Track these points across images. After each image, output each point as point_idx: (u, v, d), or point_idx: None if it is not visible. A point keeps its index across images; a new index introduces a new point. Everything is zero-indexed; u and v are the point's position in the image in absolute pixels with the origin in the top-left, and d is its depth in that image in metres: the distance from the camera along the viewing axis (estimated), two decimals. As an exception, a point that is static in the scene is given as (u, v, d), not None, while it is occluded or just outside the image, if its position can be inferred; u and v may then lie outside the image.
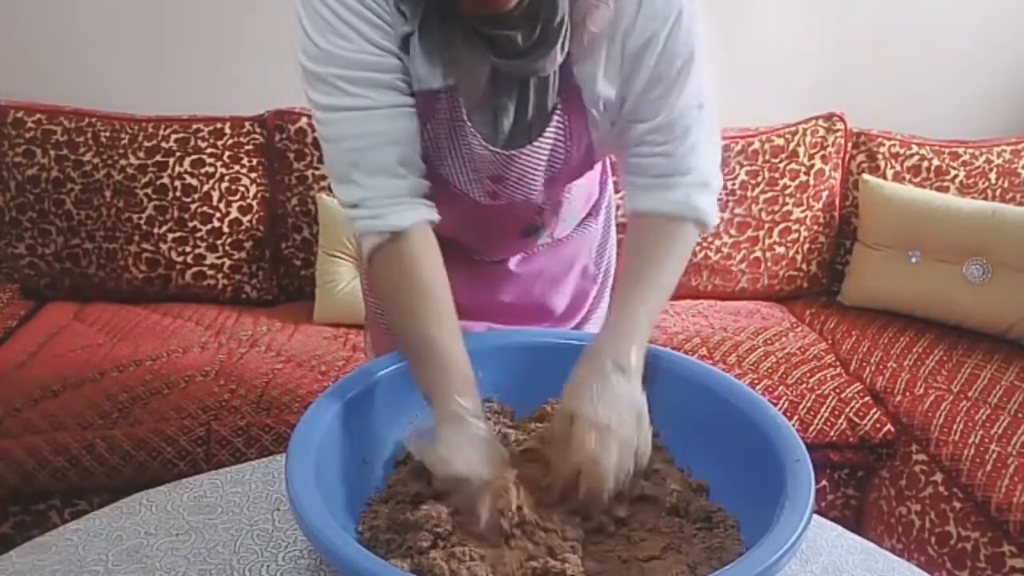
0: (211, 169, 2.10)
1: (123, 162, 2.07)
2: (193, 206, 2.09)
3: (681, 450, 0.87)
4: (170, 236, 2.09)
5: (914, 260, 2.10)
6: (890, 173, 2.25)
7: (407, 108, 0.86)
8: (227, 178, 2.11)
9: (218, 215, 2.10)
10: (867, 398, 1.81)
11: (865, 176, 2.24)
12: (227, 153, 2.12)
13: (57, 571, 0.81)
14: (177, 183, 2.08)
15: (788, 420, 0.81)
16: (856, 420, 1.76)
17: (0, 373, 1.75)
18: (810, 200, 2.24)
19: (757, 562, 0.63)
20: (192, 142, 2.11)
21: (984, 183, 2.24)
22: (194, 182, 2.09)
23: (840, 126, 2.27)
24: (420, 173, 0.89)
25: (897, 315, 2.12)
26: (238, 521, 0.89)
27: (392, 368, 0.88)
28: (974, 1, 2.36)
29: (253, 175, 2.14)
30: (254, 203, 2.13)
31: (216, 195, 2.10)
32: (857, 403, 1.78)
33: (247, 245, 2.14)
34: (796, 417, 1.75)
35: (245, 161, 2.13)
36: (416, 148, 0.88)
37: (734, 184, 2.22)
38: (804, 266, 2.28)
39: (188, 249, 2.10)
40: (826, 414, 1.76)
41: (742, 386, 0.88)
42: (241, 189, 2.12)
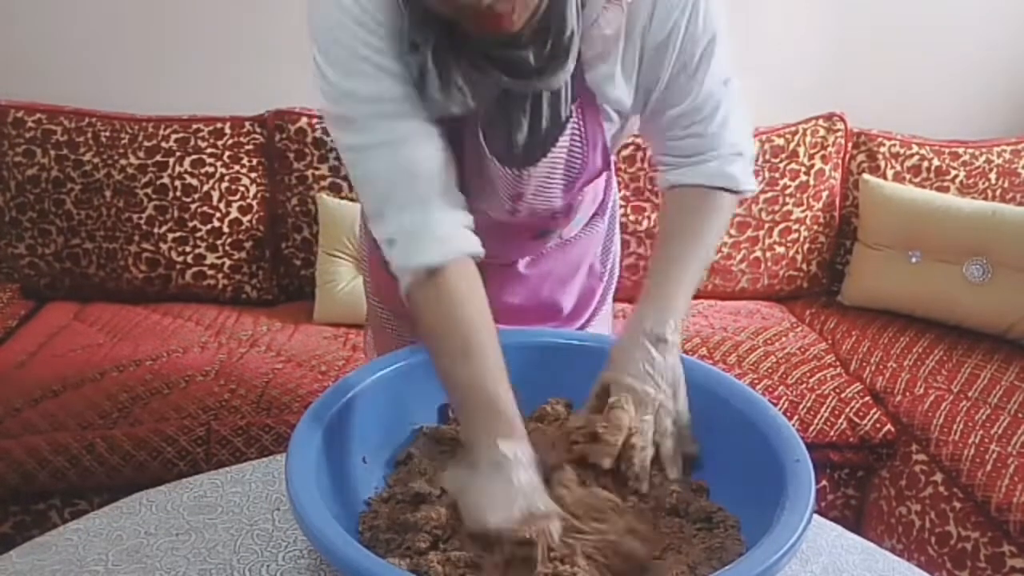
0: (211, 169, 2.10)
1: (123, 162, 2.07)
2: (193, 206, 2.09)
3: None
4: (170, 236, 2.09)
5: (914, 260, 2.10)
6: (890, 173, 2.25)
7: (433, 135, 0.84)
8: (227, 178, 2.11)
9: (218, 215, 2.10)
10: (867, 398, 1.81)
11: (865, 176, 2.24)
12: (227, 153, 2.12)
13: (57, 571, 0.81)
14: (177, 183, 2.08)
15: (788, 420, 0.81)
16: (856, 420, 1.76)
17: (0, 373, 1.75)
18: (810, 200, 2.24)
19: (757, 562, 0.63)
20: (192, 142, 2.11)
21: (984, 183, 2.24)
22: (194, 182, 2.09)
23: (840, 126, 2.27)
24: (456, 202, 0.85)
25: (897, 315, 2.12)
26: (238, 521, 0.89)
27: (393, 368, 0.88)
28: (974, 1, 2.36)
29: (253, 175, 2.14)
30: (254, 203, 2.13)
31: (216, 195, 2.10)
32: (857, 403, 1.78)
33: (247, 245, 2.14)
34: (796, 417, 1.75)
35: (245, 161, 2.13)
36: (450, 174, 0.85)
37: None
38: (804, 266, 2.28)
39: (188, 249, 2.10)
40: (826, 414, 1.76)
41: (742, 386, 0.88)
42: (241, 189, 2.12)
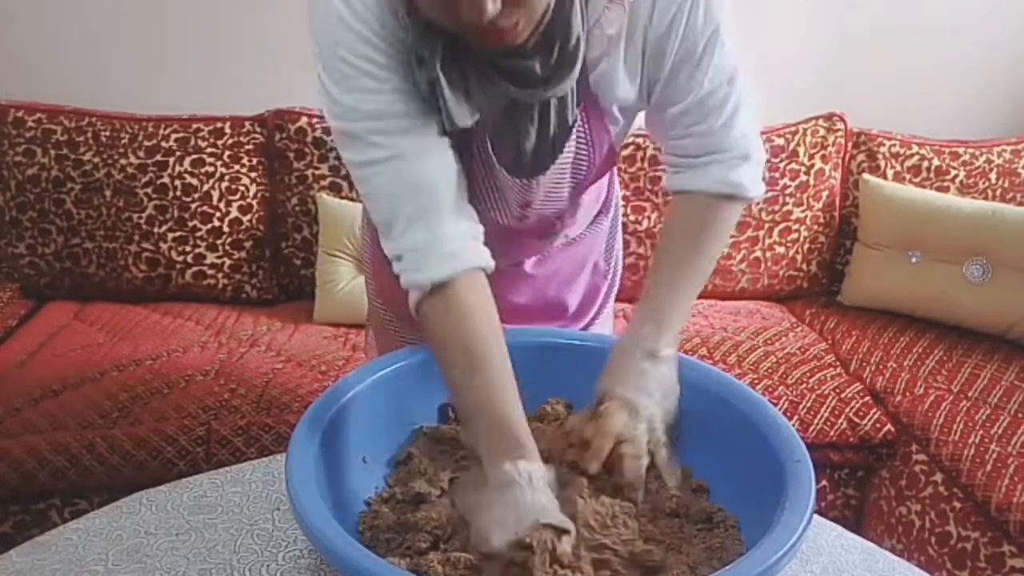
0: (211, 168, 2.10)
1: (123, 162, 2.07)
2: (193, 206, 2.09)
3: (681, 450, 0.87)
4: (170, 236, 2.09)
5: (914, 260, 2.10)
6: (890, 173, 2.25)
7: (440, 148, 0.83)
8: (227, 178, 2.11)
9: (218, 215, 2.10)
10: (867, 398, 1.81)
11: (865, 176, 2.24)
12: (227, 153, 2.12)
13: (57, 571, 0.81)
14: (177, 183, 2.08)
15: (788, 420, 0.81)
16: (856, 420, 1.76)
17: (0, 373, 1.75)
18: (810, 200, 2.24)
19: (757, 562, 0.63)
20: (192, 142, 2.11)
21: (984, 183, 2.24)
22: (194, 181, 2.09)
23: (840, 126, 2.27)
24: (465, 214, 0.85)
25: (897, 315, 2.12)
26: (238, 521, 0.89)
27: (393, 368, 0.88)
28: (974, 1, 2.36)
29: (253, 175, 2.14)
30: (254, 203, 2.13)
31: (216, 195, 2.10)
32: (857, 403, 1.78)
33: (247, 245, 2.13)
34: (796, 417, 1.75)
35: (245, 161, 2.13)
36: (459, 186, 0.84)
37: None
38: (804, 266, 2.28)
39: (188, 249, 2.10)
40: (826, 414, 1.76)
41: (742, 386, 0.88)
42: (241, 189, 2.12)
